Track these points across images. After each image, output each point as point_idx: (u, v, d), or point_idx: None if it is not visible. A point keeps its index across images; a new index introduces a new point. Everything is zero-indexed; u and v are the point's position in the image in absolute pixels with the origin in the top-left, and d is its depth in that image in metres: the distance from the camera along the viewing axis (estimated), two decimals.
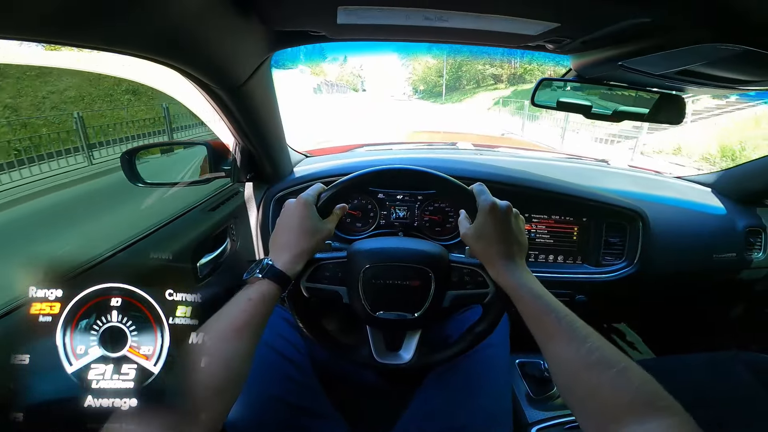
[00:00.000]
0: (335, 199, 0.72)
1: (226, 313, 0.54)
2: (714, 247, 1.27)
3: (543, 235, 1.19)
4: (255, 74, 0.78)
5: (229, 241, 1.09)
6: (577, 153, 1.77)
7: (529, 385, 1.02)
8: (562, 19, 0.63)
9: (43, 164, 5.08)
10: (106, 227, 2.16)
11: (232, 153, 1.09)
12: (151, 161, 1.08)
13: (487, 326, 0.76)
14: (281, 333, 0.85)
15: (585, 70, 0.89)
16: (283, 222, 0.70)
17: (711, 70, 0.73)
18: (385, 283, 0.75)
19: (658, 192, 1.31)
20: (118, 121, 7.29)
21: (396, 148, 1.65)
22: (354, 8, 0.59)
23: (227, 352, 0.50)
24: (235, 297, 0.58)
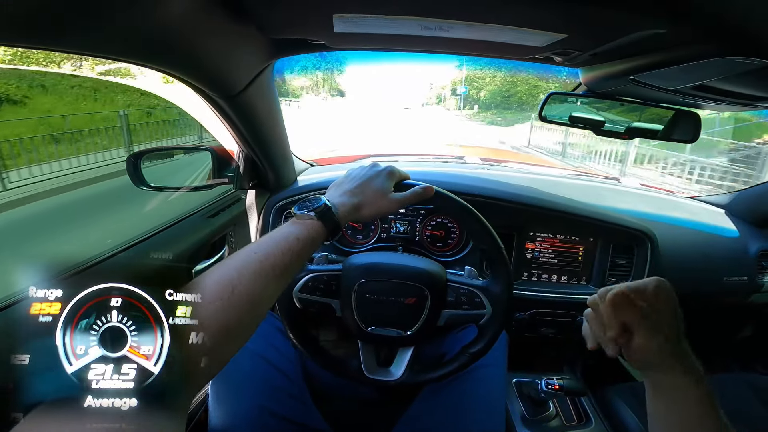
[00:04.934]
0: (421, 194, 0.67)
1: (270, 246, 0.49)
2: (724, 270, 1.23)
3: (547, 255, 1.16)
4: (254, 82, 0.78)
5: (228, 248, 1.08)
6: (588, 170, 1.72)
7: (525, 406, 1.00)
8: (570, 29, 0.61)
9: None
10: (104, 229, 2.18)
11: (236, 160, 1.08)
12: (156, 165, 1.08)
13: (482, 347, 0.74)
14: (273, 342, 0.84)
15: (595, 84, 0.86)
16: (355, 172, 0.66)
17: (728, 85, 0.69)
18: (378, 299, 0.74)
19: (669, 213, 1.27)
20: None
21: (402, 160, 1.63)
22: (350, 17, 0.57)
23: (262, 292, 0.45)
24: (281, 230, 0.53)
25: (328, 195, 0.62)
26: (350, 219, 0.61)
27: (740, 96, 0.74)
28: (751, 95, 0.73)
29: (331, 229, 0.56)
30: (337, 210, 0.58)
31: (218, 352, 0.41)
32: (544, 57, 0.77)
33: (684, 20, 0.52)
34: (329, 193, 0.63)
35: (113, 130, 5.87)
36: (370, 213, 0.62)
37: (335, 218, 0.57)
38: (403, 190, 0.66)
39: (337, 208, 0.58)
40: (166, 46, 0.54)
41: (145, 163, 0.99)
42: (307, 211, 0.56)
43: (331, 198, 0.60)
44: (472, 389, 0.81)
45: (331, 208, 0.57)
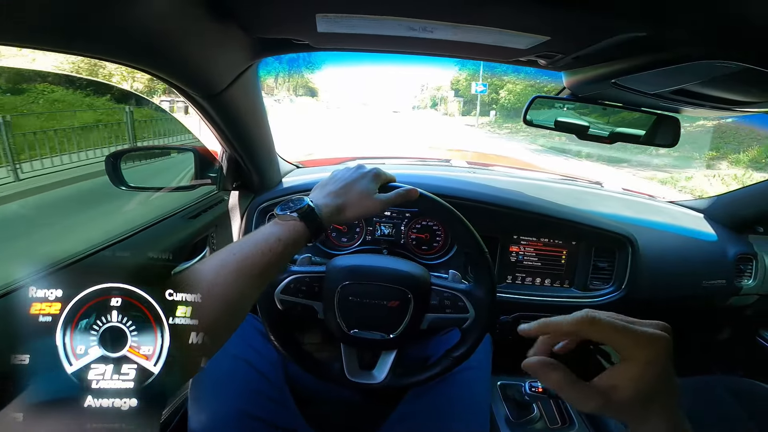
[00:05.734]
0: (405, 196, 0.66)
1: (249, 247, 0.49)
2: (704, 273, 1.25)
3: (531, 258, 1.17)
4: (237, 81, 0.77)
5: (209, 249, 1.06)
6: (572, 174, 1.74)
7: (510, 408, 1.00)
8: (552, 32, 0.61)
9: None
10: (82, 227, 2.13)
11: (219, 160, 1.07)
12: (137, 165, 1.05)
13: (465, 351, 0.74)
14: (253, 345, 0.83)
15: (578, 87, 0.87)
16: (340, 173, 0.65)
17: (708, 89, 0.71)
18: (361, 302, 0.74)
19: (650, 216, 1.29)
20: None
21: (389, 163, 1.63)
22: (333, 16, 0.57)
23: (239, 294, 0.45)
24: (262, 231, 0.52)
25: (311, 196, 0.61)
26: (334, 221, 0.60)
27: (720, 100, 0.76)
28: (731, 99, 0.74)
29: (314, 231, 0.55)
30: (320, 211, 0.57)
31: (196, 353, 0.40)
32: (527, 60, 0.77)
33: (663, 23, 0.53)
34: (313, 194, 0.62)
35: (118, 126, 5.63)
36: (354, 214, 0.62)
37: (318, 219, 0.56)
38: (388, 192, 0.65)
39: (321, 209, 0.57)
40: (145, 45, 0.54)
41: (126, 163, 0.97)
42: (290, 212, 0.54)
43: (315, 199, 0.59)
44: (456, 392, 0.81)
45: (314, 209, 0.56)
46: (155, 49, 0.56)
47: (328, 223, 0.58)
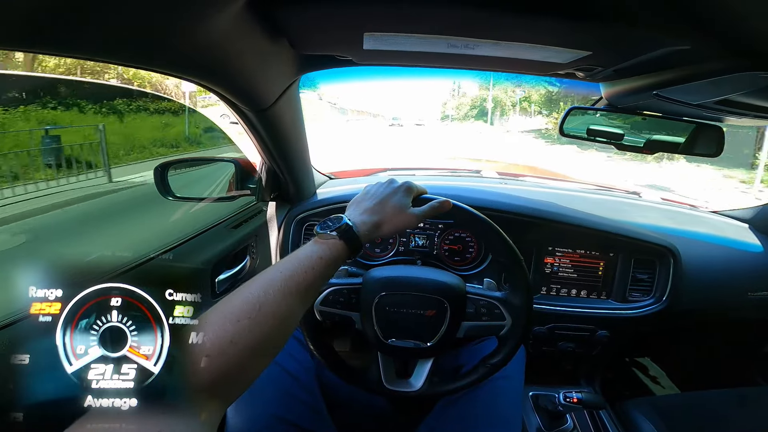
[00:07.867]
0: (439, 209, 0.68)
1: (294, 265, 0.51)
2: (749, 284, 1.21)
3: (566, 269, 1.15)
4: (283, 96, 0.80)
5: (249, 259, 1.10)
6: (608, 184, 1.71)
7: (542, 419, 0.99)
8: (594, 47, 0.62)
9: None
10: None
11: (258, 172, 1.11)
12: (181, 175, 1.10)
13: (502, 359, 0.74)
14: (289, 351, 0.84)
15: (617, 99, 0.87)
16: (373, 189, 0.68)
17: (752, 99, 0.70)
18: (399, 312, 0.75)
19: (692, 227, 1.26)
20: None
21: (419, 174, 1.64)
22: (380, 35, 0.59)
23: (287, 311, 0.47)
24: (303, 251, 0.54)
25: (348, 213, 0.63)
26: (372, 237, 0.62)
27: (763, 110, 0.74)
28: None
29: (353, 248, 0.58)
30: (358, 229, 0.59)
31: (247, 368, 0.42)
32: (566, 72, 0.78)
33: (708, 36, 0.52)
34: (349, 212, 0.64)
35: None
36: (390, 230, 0.64)
37: (357, 237, 0.58)
38: (421, 204, 0.67)
39: (358, 227, 0.59)
40: (205, 61, 0.57)
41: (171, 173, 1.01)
42: (329, 231, 0.57)
43: (352, 216, 0.61)
44: (488, 402, 0.81)
45: (352, 227, 0.58)
46: (216, 66, 0.60)
47: (366, 240, 0.60)
